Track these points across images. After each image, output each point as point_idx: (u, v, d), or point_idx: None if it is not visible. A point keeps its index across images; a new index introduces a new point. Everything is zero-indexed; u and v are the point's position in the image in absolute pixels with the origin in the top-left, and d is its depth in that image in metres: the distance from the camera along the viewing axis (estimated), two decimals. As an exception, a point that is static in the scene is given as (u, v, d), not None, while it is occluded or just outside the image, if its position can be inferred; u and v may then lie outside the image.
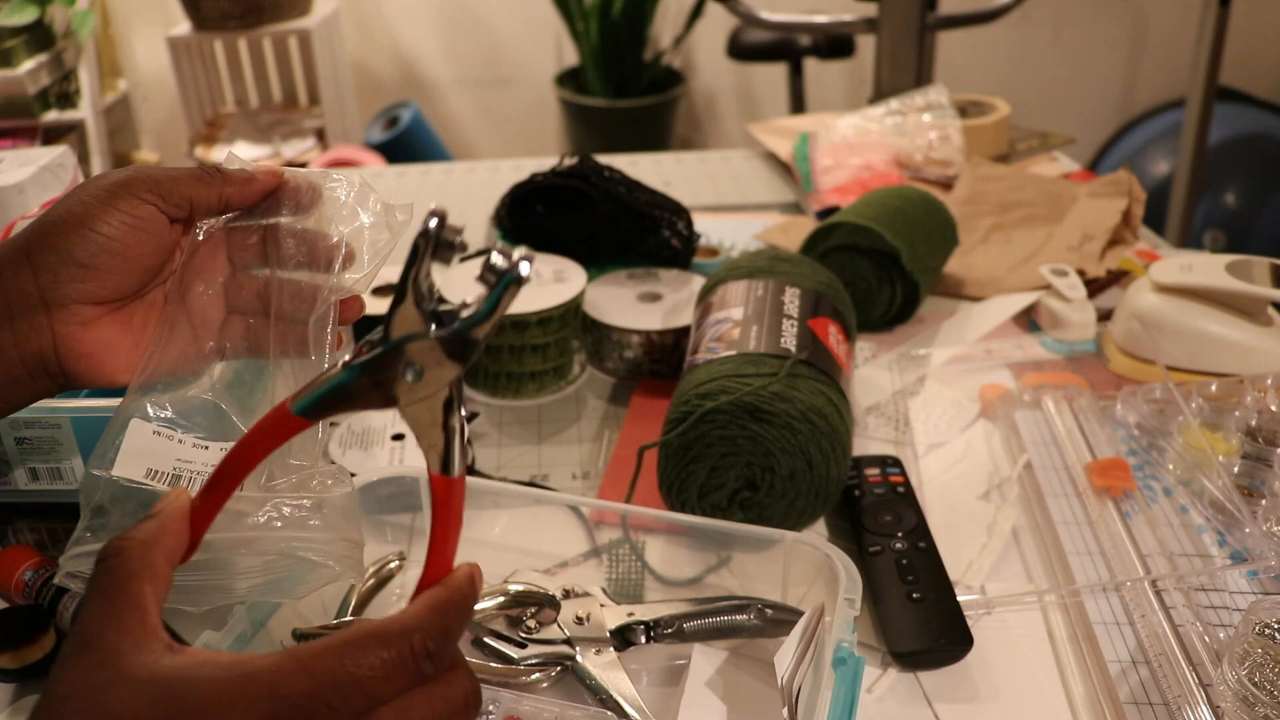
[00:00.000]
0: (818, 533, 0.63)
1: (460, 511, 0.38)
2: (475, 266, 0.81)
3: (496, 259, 0.34)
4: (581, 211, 0.85)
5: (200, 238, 0.47)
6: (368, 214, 0.48)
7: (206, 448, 0.45)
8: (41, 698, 0.30)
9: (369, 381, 0.37)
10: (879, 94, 1.42)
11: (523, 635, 0.52)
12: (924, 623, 0.54)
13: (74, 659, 0.31)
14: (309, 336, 0.46)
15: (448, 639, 0.34)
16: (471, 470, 0.69)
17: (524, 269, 0.34)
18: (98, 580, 0.32)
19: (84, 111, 2.18)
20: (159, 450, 0.44)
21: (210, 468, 0.43)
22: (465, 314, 0.36)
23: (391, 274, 0.86)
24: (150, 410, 0.44)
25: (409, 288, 0.36)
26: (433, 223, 0.35)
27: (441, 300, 0.36)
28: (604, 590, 0.54)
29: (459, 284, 0.78)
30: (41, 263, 0.42)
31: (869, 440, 0.72)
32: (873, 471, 0.65)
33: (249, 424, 0.41)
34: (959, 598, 0.55)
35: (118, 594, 0.32)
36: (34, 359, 0.43)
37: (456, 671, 0.34)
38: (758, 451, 0.59)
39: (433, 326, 0.36)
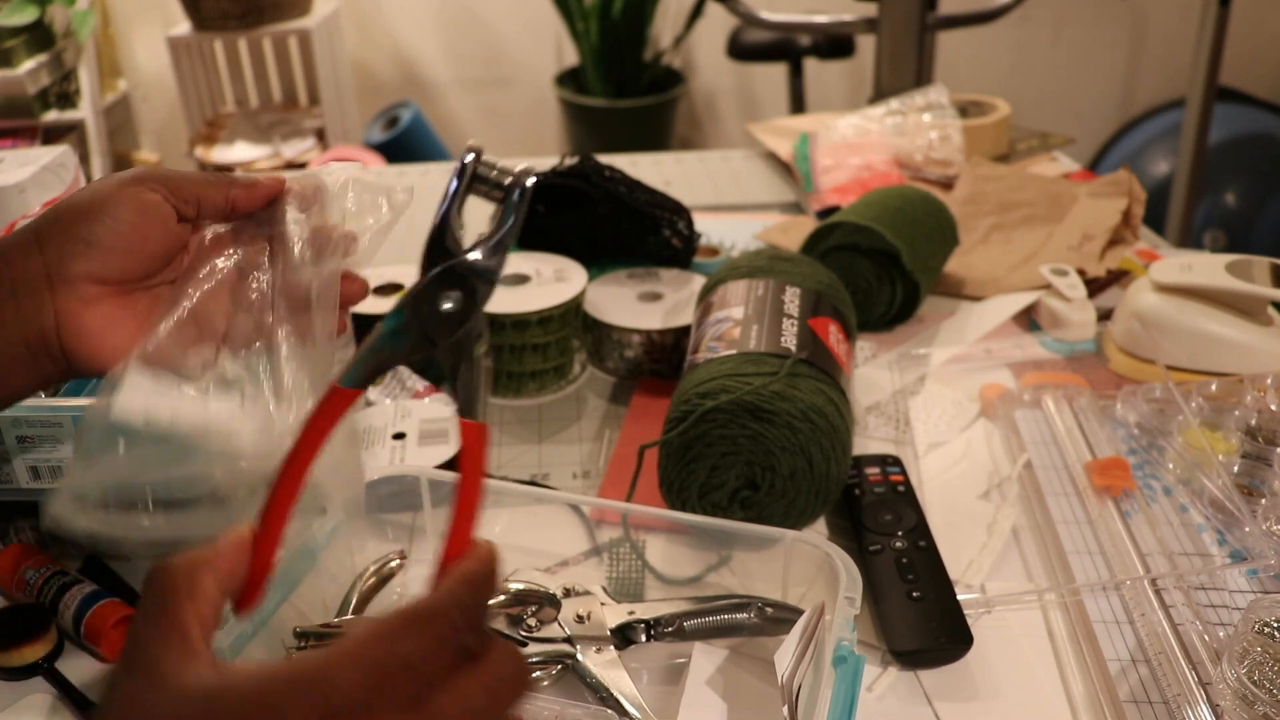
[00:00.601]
0: (818, 532, 0.63)
1: (485, 460, 0.38)
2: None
3: (503, 178, 0.38)
4: (582, 211, 0.85)
5: (208, 239, 0.48)
6: (369, 196, 0.49)
7: (205, 403, 0.45)
8: None
9: (412, 320, 0.38)
10: (879, 94, 1.42)
11: (523, 634, 0.52)
12: (924, 621, 0.54)
13: (121, 680, 0.31)
14: (312, 306, 0.47)
15: (482, 612, 0.33)
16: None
17: (529, 181, 0.36)
18: (143, 601, 0.32)
19: (84, 111, 2.18)
20: (154, 396, 0.44)
21: (196, 425, 0.43)
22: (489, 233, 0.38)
23: (392, 273, 0.87)
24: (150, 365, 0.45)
25: (446, 223, 0.38)
26: (469, 158, 0.37)
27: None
28: (604, 589, 0.54)
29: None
30: (50, 240, 0.43)
31: (869, 439, 0.72)
32: (873, 471, 0.65)
33: (249, 416, 0.42)
34: (959, 596, 0.56)
35: (159, 614, 0.31)
36: (35, 337, 0.43)
37: (499, 648, 0.33)
38: (758, 450, 0.59)
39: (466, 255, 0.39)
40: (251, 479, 0.42)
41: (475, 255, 0.39)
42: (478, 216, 1.13)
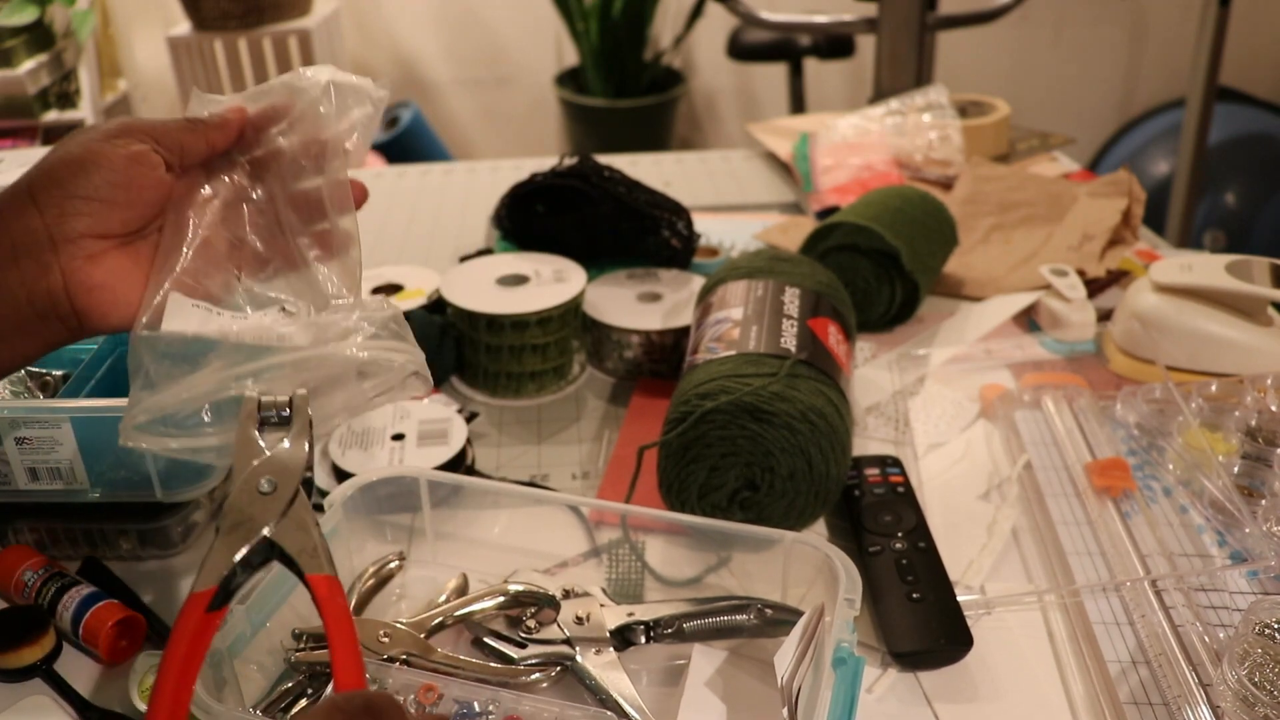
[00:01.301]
0: (817, 533, 0.63)
1: (348, 608, 0.40)
2: (478, 266, 0.81)
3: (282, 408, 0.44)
4: (581, 211, 0.85)
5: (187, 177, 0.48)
6: (349, 95, 0.49)
7: (247, 316, 0.46)
8: None
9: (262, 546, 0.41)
10: (879, 94, 1.42)
11: (523, 635, 0.52)
12: (924, 623, 0.54)
13: None
14: (327, 213, 0.48)
15: None
16: (471, 470, 0.69)
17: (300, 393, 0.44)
18: None
19: (84, 111, 2.18)
20: (200, 318, 0.45)
21: (249, 335, 0.44)
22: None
23: (393, 273, 0.86)
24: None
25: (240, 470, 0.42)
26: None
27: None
28: (604, 590, 0.54)
29: (464, 285, 0.78)
30: (46, 200, 0.43)
31: (869, 440, 0.71)
32: (872, 471, 0.65)
33: (295, 322, 0.45)
34: (959, 598, 0.55)
35: None
36: (43, 299, 0.43)
37: None
38: (757, 451, 0.59)
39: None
40: (305, 372, 0.44)
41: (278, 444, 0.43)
42: (478, 217, 1.12)
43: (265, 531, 0.41)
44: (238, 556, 0.40)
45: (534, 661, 0.51)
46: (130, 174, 0.44)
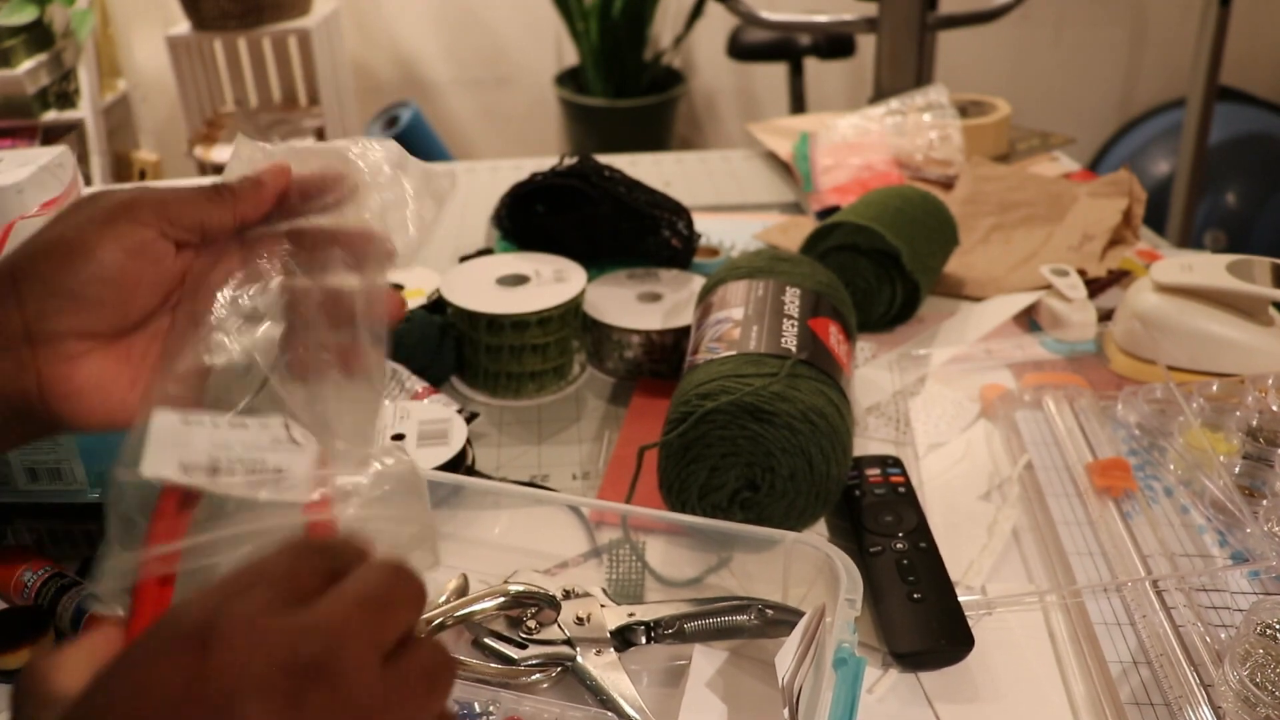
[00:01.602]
0: (818, 533, 0.63)
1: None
2: (478, 266, 0.81)
3: None
4: (581, 211, 0.85)
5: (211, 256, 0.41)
6: (410, 183, 0.42)
7: (246, 426, 0.38)
8: None
9: None
10: (879, 94, 1.42)
11: (523, 636, 0.51)
12: (925, 623, 0.54)
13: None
14: (357, 325, 0.40)
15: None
16: (471, 470, 0.69)
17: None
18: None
19: (83, 111, 2.18)
20: (191, 440, 0.37)
21: (253, 450, 0.37)
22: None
23: (393, 274, 0.86)
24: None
25: None
26: None
27: None
28: (604, 590, 0.54)
29: (464, 285, 0.78)
30: (28, 291, 0.38)
31: (869, 440, 0.71)
32: (873, 472, 0.64)
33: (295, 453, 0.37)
34: (960, 598, 0.55)
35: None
36: (17, 399, 0.38)
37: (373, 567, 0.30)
38: (758, 452, 0.59)
39: None
40: (293, 524, 0.37)
41: None
42: (478, 217, 1.12)
43: None
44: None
45: (534, 662, 0.51)
46: (126, 270, 0.38)
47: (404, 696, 0.28)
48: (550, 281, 0.78)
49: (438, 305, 0.81)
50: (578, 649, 0.51)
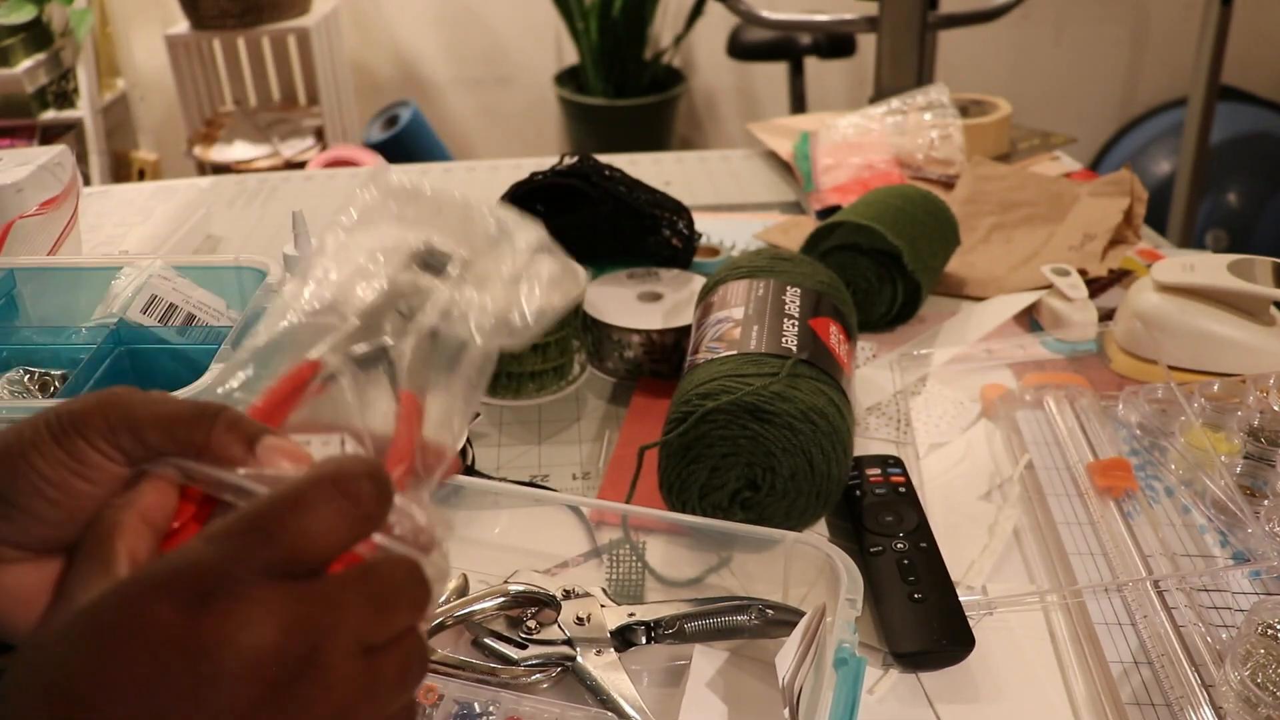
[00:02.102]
0: (819, 533, 0.63)
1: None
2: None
3: None
4: (581, 211, 0.85)
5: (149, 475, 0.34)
6: (544, 267, 0.39)
7: (309, 443, 0.36)
8: None
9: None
10: (880, 93, 1.42)
11: (523, 636, 0.51)
12: (925, 623, 0.54)
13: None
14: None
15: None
16: (471, 470, 0.68)
17: None
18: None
19: (82, 110, 2.18)
20: None
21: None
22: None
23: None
24: None
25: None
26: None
27: None
28: (604, 591, 0.54)
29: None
30: None
31: (870, 440, 0.71)
32: (874, 471, 0.64)
33: None
34: (960, 598, 0.55)
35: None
36: None
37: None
38: (759, 451, 0.58)
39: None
40: None
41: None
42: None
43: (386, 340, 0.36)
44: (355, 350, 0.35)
45: (534, 662, 0.51)
46: (64, 488, 0.34)
47: (378, 689, 0.28)
48: (550, 281, 0.77)
49: (437, 305, 0.80)
50: (578, 649, 0.51)
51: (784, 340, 0.63)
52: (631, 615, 0.52)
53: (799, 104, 2.11)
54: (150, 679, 0.26)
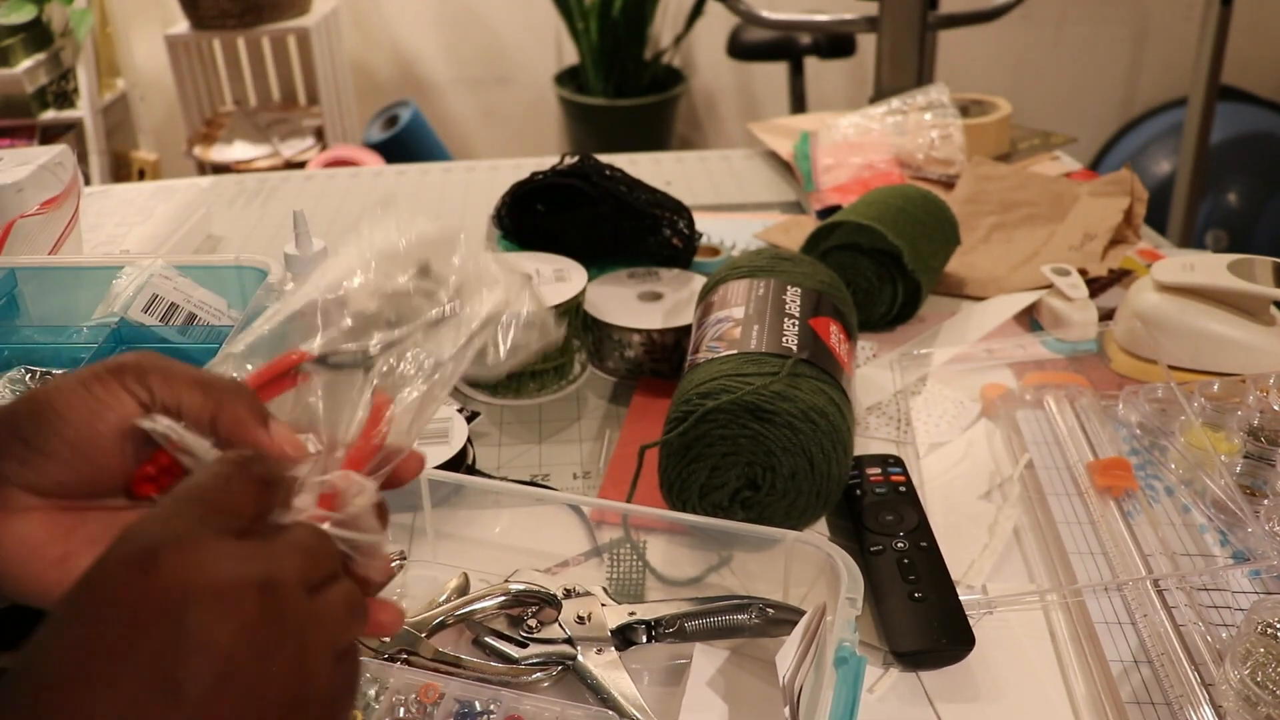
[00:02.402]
0: (819, 532, 0.63)
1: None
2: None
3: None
4: (581, 211, 0.85)
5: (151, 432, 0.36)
6: (528, 304, 0.42)
7: None
8: None
9: None
10: (880, 93, 1.42)
11: (524, 635, 0.51)
12: (926, 622, 0.54)
13: None
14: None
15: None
16: (472, 470, 0.68)
17: None
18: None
19: (82, 110, 2.18)
20: None
21: None
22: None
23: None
24: None
25: None
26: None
27: None
28: (605, 590, 0.54)
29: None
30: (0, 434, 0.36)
31: (870, 440, 0.71)
32: (874, 471, 0.64)
33: None
34: (961, 597, 0.55)
35: None
36: None
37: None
38: (759, 451, 0.59)
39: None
40: None
41: None
42: (478, 217, 1.12)
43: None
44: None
45: (535, 661, 0.51)
46: (83, 424, 0.35)
47: (325, 619, 0.32)
48: (551, 281, 0.78)
49: (438, 304, 0.80)
50: (578, 648, 0.51)
51: (784, 340, 0.63)
52: (632, 614, 0.52)
53: (799, 104, 2.11)
54: (128, 636, 0.28)
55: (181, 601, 0.28)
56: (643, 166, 1.22)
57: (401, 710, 0.47)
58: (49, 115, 2.14)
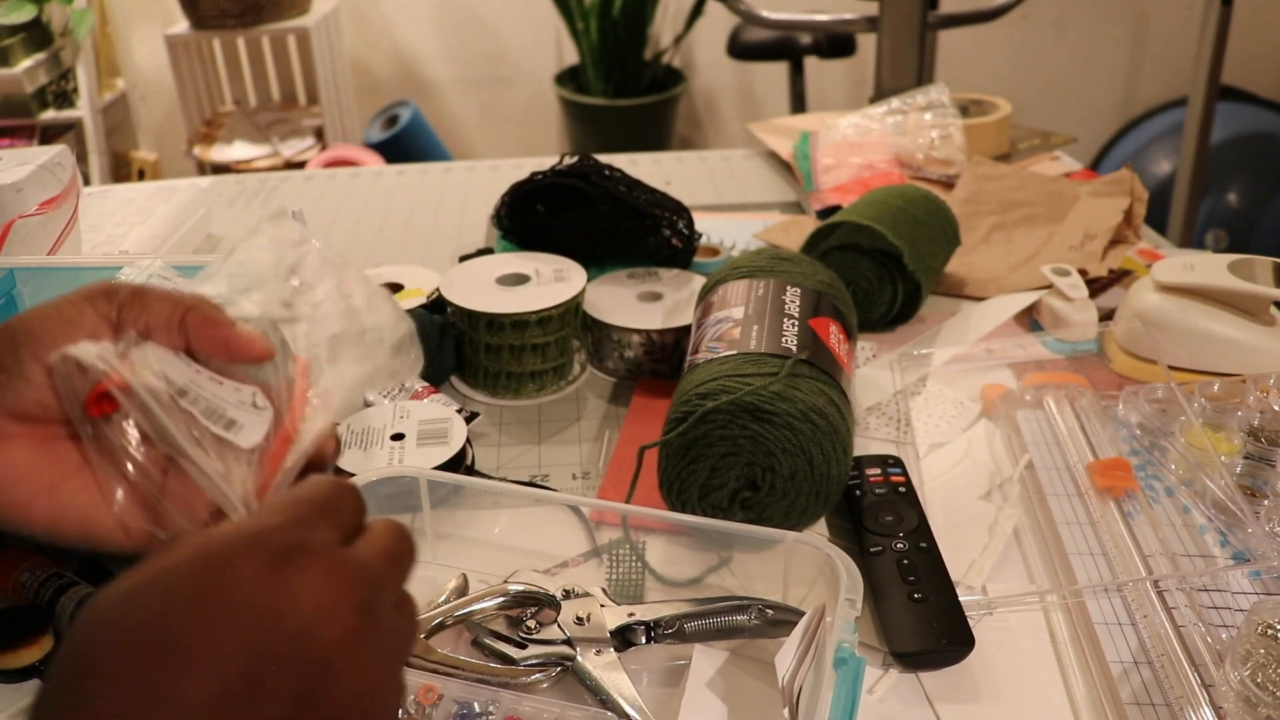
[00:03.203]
0: (818, 533, 0.63)
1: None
2: (478, 265, 0.81)
3: None
4: (581, 211, 0.85)
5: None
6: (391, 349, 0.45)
7: (222, 383, 0.41)
8: None
9: None
10: (880, 93, 1.42)
11: (523, 635, 0.51)
12: (925, 623, 0.54)
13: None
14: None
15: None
16: (471, 470, 0.68)
17: None
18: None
19: (82, 110, 2.18)
20: (178, 363, 0.40)
21: (220, 399, 0.40)
22: None
23: (392, 273, 0.86)
24: None
25: None
26: None
27: None
28: (604, 590, 0.54)
29: (464, 285, 0.78)
30: None
31: (870, 440, 0.71)
32: (874, 471, 0.64)
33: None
34: (960, 598, 0.55)
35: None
36: None
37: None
38: (758, 451, 0.58)
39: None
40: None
41: None
42: (478, 216, 1.12)
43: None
44: None
45: (534, 662, 0.50)
46: (56, 343, 0.36)
47: (405, 637, 0.34)
48: (550, 281, 0.77)
49: (438, 305, 0.80)
50: (577, 649, 0.51)
51: (784, 340, 0.63)
52: (631, 615, 0.52)
53: (799, 104, 2.11)
54: (243, 626, 0.28)
55: (309, 616, 0.29)
56: (643, 166, 1.22)
57: (400, 711, 0.47)
58: (49, 115, 2.14)
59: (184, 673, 0.27)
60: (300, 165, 2.33)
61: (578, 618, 0.52)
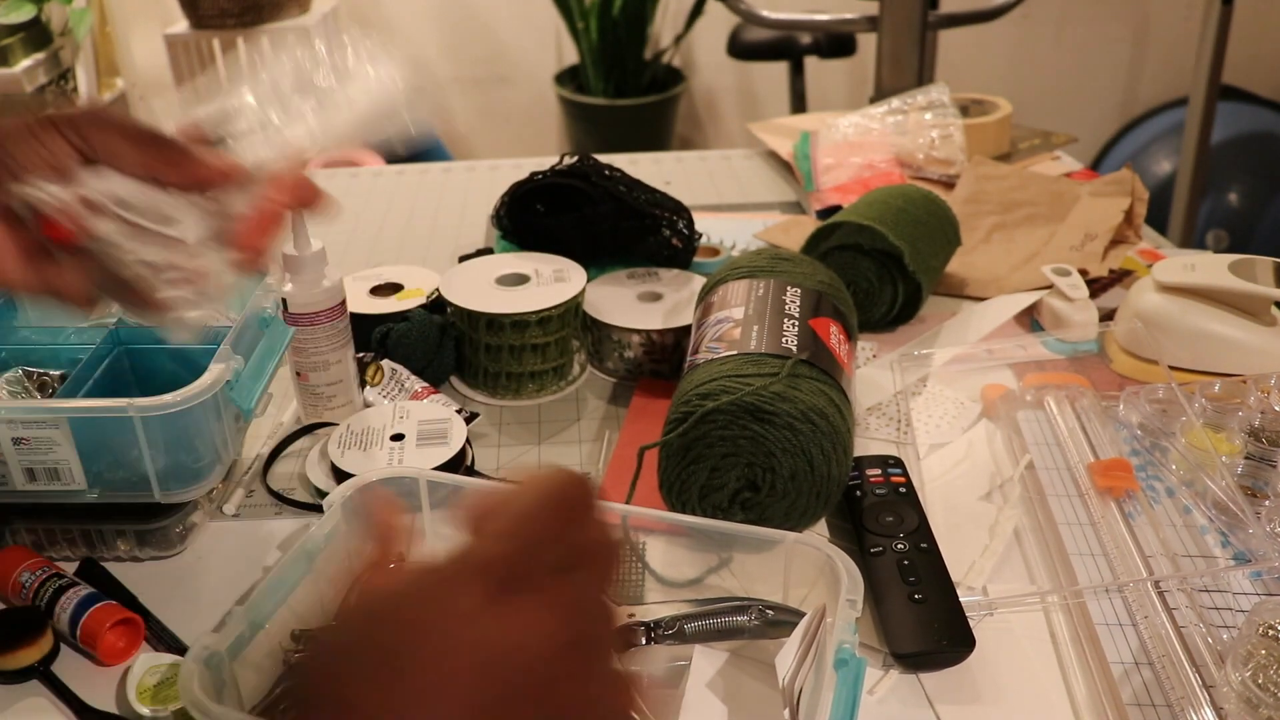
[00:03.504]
0: (819, 533, 0.63)
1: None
2: (478, 266, 0.81)
3: None
4: (581, 211, 0.85)
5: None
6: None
7: (167, 191, 0.45)
8: None
9: None
10: (880, 93, 1.42)
11: (522, 637, 0.51)
12: (926, 624, 0.53)
13: None
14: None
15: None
16: (471, 470, 0.68)
17: None
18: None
19: (82, 110, 2.18)
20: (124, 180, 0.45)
21: (160, 202, 0.45)
22: None
23: (391, 273, 0.86)
24: None
25: None
26: None
27: None
28: (604, 591, 0.54)
29: (464, 285, 0.78)
30: None
31: (870, 440, 0.71)
32: (874, 472, 0.64)
33: None
34: (961, 599, 0.55)
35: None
36: None
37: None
38: (759, 452, 0.58)
39: None
40: None
41: None
42: (478, 216, 1.12)
43: None
44: None
45: (534, 663, 0.50)
46: (32, 172, 0.41)
47: (623, 691, 0.35)
48: (550, 281, 0.77)
49: (437, 305, 0.80)
50: (578, 650, 0.50)
51: (784, 340, 0.63)
52: (631, 616, 0.52)
53: (799, 104, 2.11)
54: (455, 647, 0.29)
55: (515, 635, 0.29)
56: (643, 166, 1.22)
57: None
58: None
59: (434, 703, 0.28)
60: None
61: (578, 618, 0.52)
